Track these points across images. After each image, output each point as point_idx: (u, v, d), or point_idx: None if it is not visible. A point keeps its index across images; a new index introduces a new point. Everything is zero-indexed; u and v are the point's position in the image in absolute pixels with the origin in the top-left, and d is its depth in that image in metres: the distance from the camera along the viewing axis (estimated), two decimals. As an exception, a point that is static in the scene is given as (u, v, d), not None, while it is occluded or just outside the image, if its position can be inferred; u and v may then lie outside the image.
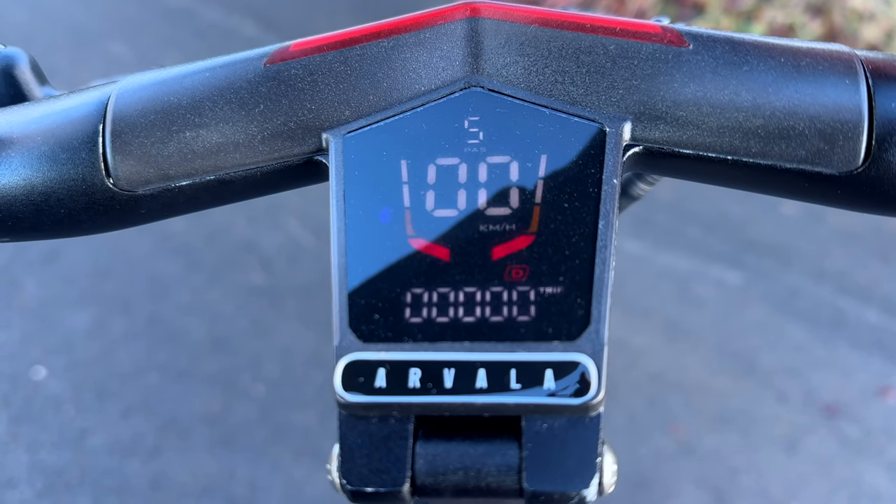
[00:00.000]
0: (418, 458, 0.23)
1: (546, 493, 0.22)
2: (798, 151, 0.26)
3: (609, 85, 0.26)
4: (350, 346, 0.24)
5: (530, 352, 0.23)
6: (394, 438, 0.23)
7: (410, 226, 0.25)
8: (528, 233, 0.25)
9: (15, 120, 0.29)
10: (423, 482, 0.23)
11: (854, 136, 0.25)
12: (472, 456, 0.23)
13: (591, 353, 0.24)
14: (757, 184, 0.28)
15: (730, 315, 1.95)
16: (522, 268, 0.24)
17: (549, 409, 0.23)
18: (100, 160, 0.28)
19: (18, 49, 0.34)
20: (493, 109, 0.26)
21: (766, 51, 0.26)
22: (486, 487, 0.23)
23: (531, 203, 0.25)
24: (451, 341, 0.24)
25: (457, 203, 0.25)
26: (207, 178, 0.28)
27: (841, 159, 0.26)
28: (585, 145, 0.25)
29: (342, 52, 0.27)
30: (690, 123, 0.26)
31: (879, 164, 0.25)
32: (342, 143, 0.27)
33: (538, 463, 0.23)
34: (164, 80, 0.28)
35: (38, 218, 0.29)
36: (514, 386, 0.23)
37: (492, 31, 0.27)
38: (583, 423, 0.23)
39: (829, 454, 1.68)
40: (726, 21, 2.79)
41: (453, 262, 0.25)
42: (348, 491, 0.23)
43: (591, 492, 0.22)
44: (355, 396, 0.23)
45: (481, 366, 0.23)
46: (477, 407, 0.23)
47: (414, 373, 0.23)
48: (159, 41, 2.83)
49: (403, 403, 0.23)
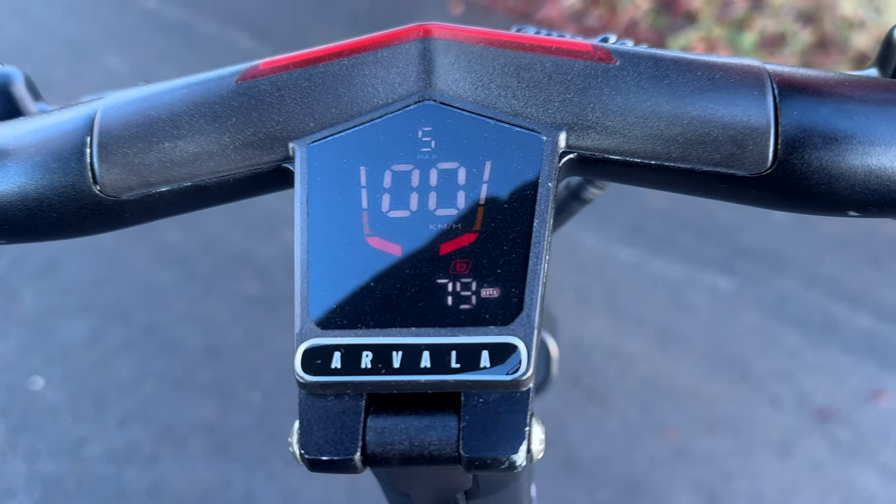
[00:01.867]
0: (369, 431, 0.26)
1: (480, 458, 0.25)
2: (713, 156, 0.28)
3: (546, 98, 0.28)
4: (309, 333, 0.27)
5: (469, 335, 0.26)
6: (347, 413, 0.26)
7: (367, 226, 0.28)
8: (472, 231, 0.27)
9: (11, 133, 0.31)
10: (372, 452, 0.26)
11: (762, 141, 0.28)
12: (416, 428, 0.26)
13: (523, 336, 0.26)
14: (679, 185, 0.30)
15: (722, 321, 1.96)
16: (466, 262, 0.27)
17: (484, 385, 0.25)
18: (87, 169, 0.30)
19: (14, 67, 0.36)
20: (443, 120, 0.29)
21: (685, 65, 0.28)
22: (429, 455, 0.26)
23: (476, 204, 0.27)
24: (400, 327, 0.26)
25: (409, 205, 0.28)
26: (185, 185, 0.31)
27: (751, 162, 0.28)
28: (525, 153, 0.28)
29: (307, 69, 0.30)
30: (618, 132, 0.28)
31: (786, 166, 0.28)
32: (307, 151, 0.29)
33: (474, 433, 0.25)
34: (146, 95, 0.31)
35: (32, 222, 0.31)
36: (455, 365, 0.25)
37: (442, 50, 0.29)
38: (514, 398, 0.25)
39: (821, 458, 1.69)
40: (718, 30, 2.81)
41: (404, 257, 0.27)
42: (306, 460, 0.26)
43: (520, 457, 0.25)
44: (313, 377, 0.26)
45: (425, 348, 0.26)
46: (421, 384, 0.26)
47: (366, 355, 0.26)
48: (155, 55, 2.85)
49: (356, 382, 0.26)
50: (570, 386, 1.80)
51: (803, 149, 0.28)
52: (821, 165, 0.28)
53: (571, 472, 1.65)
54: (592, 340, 1.90)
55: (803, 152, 0.28)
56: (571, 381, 1.81)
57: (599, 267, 2.09)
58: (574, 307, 1.98)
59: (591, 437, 1.71)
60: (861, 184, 0.28)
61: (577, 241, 2.15)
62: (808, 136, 0.28)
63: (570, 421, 1.74)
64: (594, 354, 1.87)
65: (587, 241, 2.16)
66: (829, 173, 0.28)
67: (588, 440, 1.71)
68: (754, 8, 2.87)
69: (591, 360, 1.86)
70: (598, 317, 1.96)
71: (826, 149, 0.28)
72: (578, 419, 1.74)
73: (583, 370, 1.84)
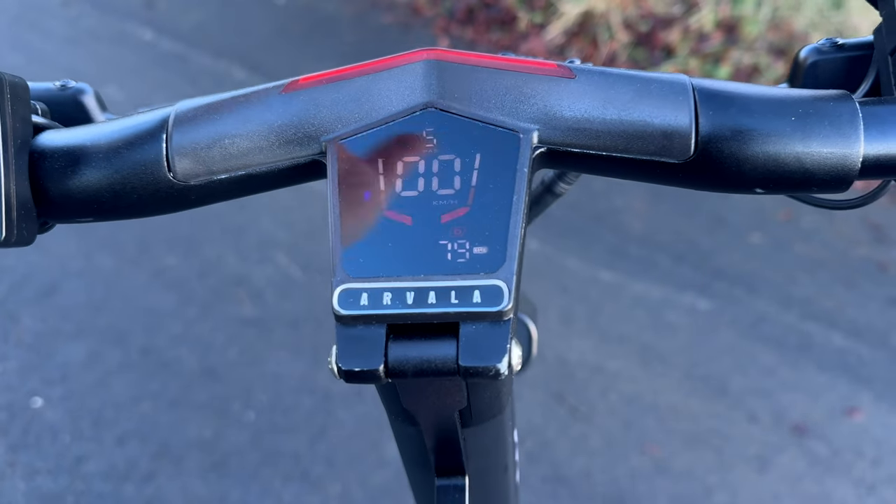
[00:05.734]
0: (390, 351, 0.34)
1: (474, 367, 0.33)
2: (649, 147, 0.37)
3: (522, 105, 0.37)
4: (343, 280, 0.34)
5: (465, 280, 0.34)
6: (373, 338, 0.34)
7: (385, 203, 0.36)
8: (466, 205, 0.35)
9: (99, 131, 0.40)
10: (392, 366, 0.34)
11: (685, 135, 0.36)
12: (425, 348, 0.34)
13: (505, 279, 0.33)
14: (625, 172, 0.39)
15: (701, 340, 2.03)
16: (462, 228, 0.35)
17: (477, 315, 0.33)
18: (163, 159, 0.38)
19: (86, 84, 0.44)
20: (443, 122, 0.37)
21: (628, 79, 0.38)
22: (436, 368, 0.33)
23: (469, 186, 0.36)
24: (413, 275, 0.34)
25: (417, 187, 0.36)
26: (240, 174, 0.39)
27: (678, 151, 0.37)
28: (506, 147, 0.36)
29: (337, 83, 0.38)
30: (577, 130, 0.37)
31: (704, 154, 0.37)
32: (336, 147, 0.37)
33: (469, 350, 0.33)
34: (210, 103, 0.39)
35: (116, 202, 0.39)
36: (454, 301, 0.33)
37: (442, 68, 0.38)
38: (499, 324, 0.33)
39: (799, 472, 1.75)
40: (694, 62, 2.92)
41: (414, 225, 0.35)
42: (343, 372, 0.33)
43: (503, 366, 0.33)
44: (347, 311, 0.34)
45: (432, 289, 0.34)
46: (429, 315, 0.33)
47: (386, 294, 0.34)
48: (152, 85, 2.92)
49: (379, 315, 0.34)
50: (555, 403, 1.85)
51: (716, 140, 0.36)
52: (731, 153, 0.36)
53: (557, 487, 1.70)
54: (576, 359, 1.96)
55: (717, 143, 0.36)
56: (556, 399, 1.87)
57: (582, 289, 2.16)
58: (558, 326, 2.04)
59: (575, 453, 1.76)
60: (762, 166, 0.36)
61: (560, 263, 2.22)
62: (719, 130, 0.36)
63: (555, 437, 1.79)
64: (578, 373, 1.93)
65: (570, 263, 2.22)
66: (738, 158, 0.36)
67: (572, 456, 1.76)
68: (729, 41, 2.98)
69: (575, 378, 1.92)
70: (582, 337, 2.02)
71: (734, 140, 0.36)
72: (563, 436, 1.80)
73: (567, 388, 1.89)
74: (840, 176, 0.37)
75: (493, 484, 0.53)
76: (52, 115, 0.46)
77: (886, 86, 0.41)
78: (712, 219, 2.38)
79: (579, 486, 1.70)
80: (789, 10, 3.01)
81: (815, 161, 0.36)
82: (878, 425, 1.85)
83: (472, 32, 3.24)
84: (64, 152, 0.39)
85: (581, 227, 2.34)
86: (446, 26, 3.28)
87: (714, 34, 3.00)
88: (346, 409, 1.83)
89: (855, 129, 0.36)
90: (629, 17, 3.10)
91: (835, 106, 0.37)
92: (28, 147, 0.39)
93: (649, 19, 3.11)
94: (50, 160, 0.39)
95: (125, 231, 2.29)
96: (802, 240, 2.33)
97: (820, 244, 2.32)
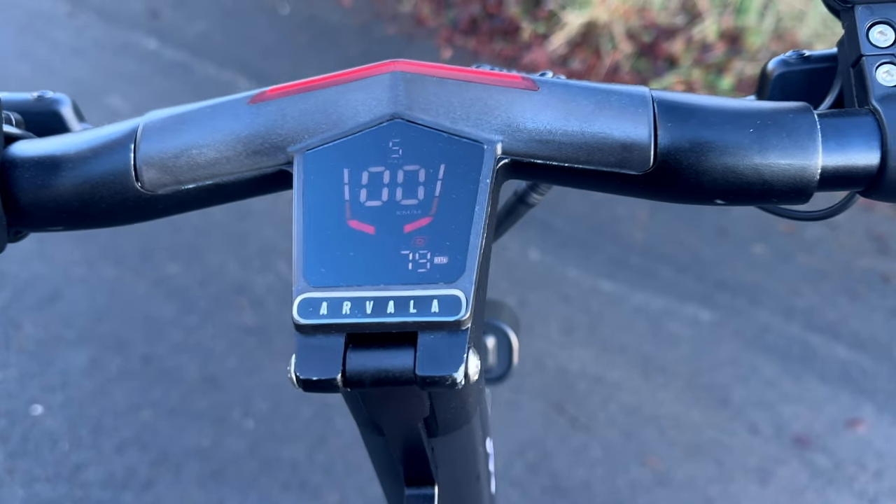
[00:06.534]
0: (348, 360, 0.33)
1: (430, 376, 0.32)
2: (610, 158, 0.37)
3: (486, 117, 0.37)
4: (304, 289, 0.34)
5: (425, 290, 0.34)
6: (331, 347, 0.33)
7: (349, 212, 0.36)
8: (429, 215, 0.35)
9: (69, 141, 0.40)
10: (350, 375, 0.33)
11: (645, 147, 0.37)
12: (383, 357, 0.33)
13: (464, 289, 0.33)
14: (587, 183, 0.39)
15: (703, 351, 2.02)
16: (424, 237, 0.35)
17: (435, 325, 0.33)
18: (131, 169, 0.38)
19: (64, 94, 0.45)
20: (408, 133, 0.37)
21: (590, 92, 0.38)
22: (393, 377, 0.33)
23: (433, 196, 0.36)
24: (372, 284, 0.34)
25: (381, 196, 0.36)
26: (207, 183, 0.39)
27: (638, 163, 0.37)
28: (470, 158, 0.36)
29: (305, 94, 0.39)
30: (540, 142, 0.37)
31: (664, 166, 0.37)
32: (303, 157, 0.37)
33: (426, 359, 0.33)
34: (178, 113, 0.39)
35: (85, 211, 0.39)
36: (413, 311, 0.33)
37: (408, 80, 0.38)
38: (457, 334, 0.33)
39: (800, 484, 1.74)
40: (697, 73, 2.92)
41: (377, 234, 0.35)
42: (301, 381, 0.33)
43: (459, 375, 0.32)
44: (306, 320, 0.34)
45: (391, 299, 0.33)
46: (387, 325, 0.33)
47: (346, 304, 0.34)
48: (155, 95, 2.94)
49: (338, 324, 0.33)
50: (555, 413, 1.85)
51: (675, 152, 0.37)
52: (689, 164, 0.37)
53: (557, 498, 1.69)
54: (577, 370, 1.96)
55: (675, 155, 0.37)
56: (556, 409, 1.86)
57: (583, 298, 2.15)
58: (559, 336, 2.04)
59: (575, 464, 1.76)
60: (721, 178, 0.37)
61: (561, 273, 2.22)
62: (678, 142, 0.37)
63: (555, 448, 1.79)
64: (578, 383, 1.93)
65: (571, 273, 2.22)
66: (696, 170, 0.37)
67: (572, 467, 1.75)
68: (732, 52, 2.99)
69: (575, 388, 1.91)
70: (582, 347, 2.02)
71: (692, 152, 0.36)
72: (563, 446, 1.79)
73: (567, 398, 1.89)
74: (799, 188, 0.37)
75: (464, 494, 0.53)
76: (28, 125, 0.46)
77: (848, 98, 0.41)
78: (715, 229, 2.38)
79: (579, 497, 1.69)
80: (792, 21, 3.01)
81: (774, 173, 0.37)
82: (881, 437, 1.83)
83: (476, 43, 3.25)
84: (34, 162, 0.39)
85: (582, 236, 2.33)
86: (450, 37, 3.30)
87: (717, 45, 3.01)
88: (344, 418, 1.83)
89: (813, 141, 0.37)
90: (632, 27, 3.11)
91: (794, 118, 0.37)
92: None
93: (652, 30, 3.11)
94: (20, 170, 0.39)
95: (127, 239, 2.29)
96: (805, 251, 2.33)
97: (823, 255, 2.31)
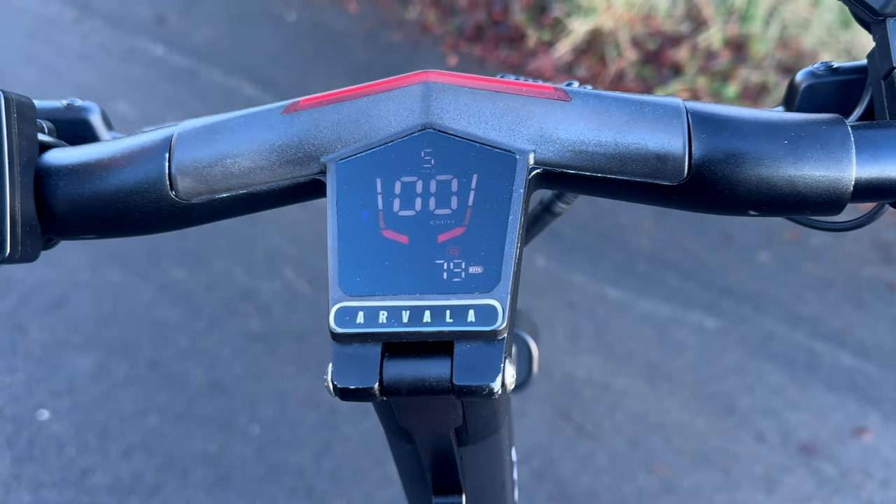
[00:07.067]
0: (385, 369, 0.33)
1: (468, 386, 0.32)
2: (643, 169, 0.37)
3: (519, 127, 0.37)
4: (340, 298, 0.34)
5: (461, 299, 0.34)
6: (368, 356, 0.34)
7: (383, 221, 0.36)
8: (462, 225, 0.35)
9: (104, 150, 0.40)
10: (387, 384, 0.33)
11: (679, 158, 0.37)
12: (420, 366, 0.34)
13: (500, 299, 0.33)
14: (620, 193, 0.39)
15: (709, 358, 2.02)
16: (458, 247, 0.35)
17: (471, 334, 0.33)
18: (166, 178, 0.39)
19: (92, 102, 0.45)
20: (440, 143, 0.37)
21: (623, 102, 0.38)
22: (429, 387, 0.33)
23: (465, 206, 0.36)
24: (408, 293, 0.34)
25: (415, 206, 0.36)
26: (241, 192, 0.39)
27: (672, 174, 0.37)
28: (503, 168, 0.36)
29: (337, 104, 0.39)
30: (573, 152, 0.37)
31: (698, 176, 0.37)
32: (336, 167, 0.37)
33: (463, 368, 0.33)
34: (212, 123, 0.40)
35: (119, 219, 0.40)
36: (449, 320, 0.33)
37: (439, 91, 0.38)
38: (493, 343, 0.33)
39: (807, 493, 1.73)
40: (702, 80, 2.93)
41: (411, 244, 0.35)
42: (338, 390, 0.33)
43: (496, 385, 0.32)
44: (343, 329, 0.34)
45: (427, 308, 0.34)
46: (424, 334, 0.33)
47: (382, 313, 0.34)
48: (162, 101, 2.95)
49: (375, 333, 0.34)
50: (561, 421, 1.85)
51: (710, 163, 0.37)
52: (724, 175, 0.37)
53: (562, 505, 1.69)
54: (583, 377, 1.96)
55: (710, 166, 0.37)
56: (562, 417, 1.86)
57: (589, 305, 2.15)
58: (565, 343, 2.04)
59: (581, 472, 1.75)
60: (755, 189, 0.37)
61: (567, 279, 2.22)
62: (712, 153, 0.37)
63: (561, 455, 1.78)
64: (584, 390, 1.92)
65: (577, 280, 2.22)
66: (731, 181, 0.37)
67: (578, 474, 1.75)
68: (737, 60, 2.99)
69: (581, 396, 1.91)
70: (588, 354, 2.02)
71: (727, 163, 0.37)
72: (569, 454, 1.79)
73: (573, 406, 1.89)
74: (833, 199, 0.37)
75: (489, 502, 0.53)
76: (58, 133, 0.46)
77: (880, 110, 0.41)
78: (720, 237, 2.38)
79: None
80: (798, 29, 3.02)
81: (808, 184, 0.37)
82: (887, 446, 1.83)
83: (481, 50, 3.26)
84: (69, 170, 0.40)
85: (588, 243, 2.34)
86: (455, 44, 3.31)
87: (722, 52, 3.01)
88: (351, 424, 1.83)
89: (847, 153, 0.37)
90: (637, 35, 3.12)
91: (827, 130, 0.37)
92: (34, 165, 0.40)
93: (657, 37, 3.12)
94: (55, 178, 0.40)
95: (133, 244, 2.30)
96: (811, 259, 2.33)
97: (828, 263, 2.31)
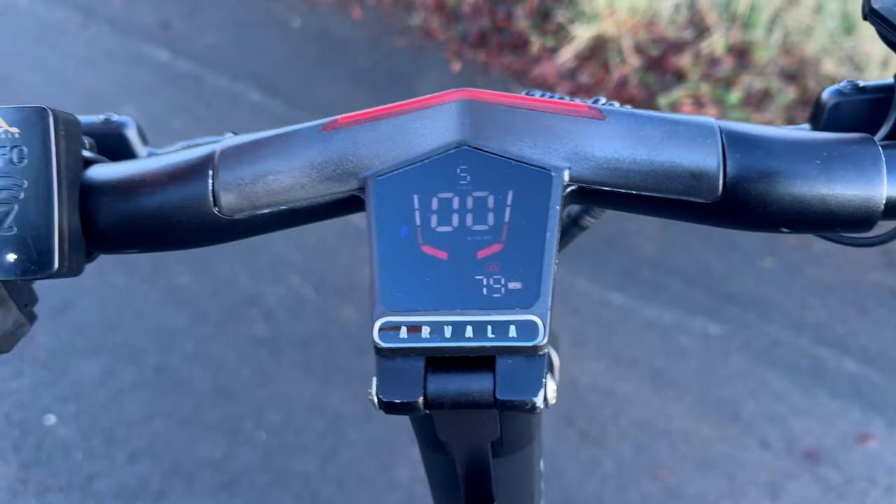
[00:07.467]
0: (428, 383, 0.34)
1: (510, 400, 0.33)
2: (678, 187, 0.38)
3: (554, 145, 0.38)
4: (383, 313, 0.35)
5: (501, 315, 0.34)
6: (412, 370, 0.34)
7: (421, 237, 0.36)
8: (500, 241, 0.36)
9: (147, 166, 0.41)
10: (431, 399, 0.34)
11: (713, 176, 0.38)
12: (463, 381, 0.34)
13: (540, 314, 0.34)
14: (654, 210, 0.40)
15: (713, 365, 2.02)
16: (497, 263, 0.35)
17: (513, 350, 0.34)
18: (209, 194, 0.39)
19: (128, 118, 0.45)
20: (476, 161, 0.38)
21: (657, 121, 0.39)
22: (473, 401, 0.34)
23: (502, 222, 0.36)
24: (450, 309, 0.35)
25: (452, 222, 0.37)
26: (282, 208, 0.40)
27: (706, 192, 0.38)
28: (538, 185, 0.37)
29: (375, 122, 0.39)
30: (608, 170, 0.38)
31: (732, 194, 0.38)
32: (375, 183, 0.38)
33: (506, 383, 0.34)
34: (253, 140, 0.40)
35: (162, 234, 0.40)
36: (491, 336, 0.34)
37: (476, 109, 0.38)
38: (534, 359, 0.34)
39: (811, 499, 1.73)
40: (705, 87, 2.94)
41: (450, 260, 0.36)
42: (383, 403, 0.34)
43: (539, 399, 0.33)
44: (387, 344, 0.34)
45: (469, 323, 0.34)
46: (466, 349, 0.34)
47: (425, 328, 0.34)
48: (168, 106, 2.96)
49: (418, 348, 0.34)
50: (565, 427, 1.85)
51: (744, 181, 0.37)
52: (758, 193, 0.37)
53: (567, 511, 1.69)
54: (587, 382, 1.96)
55: (744, 184, 0.37)
56: (567, 423, 1.86)
57: (594, 311, 2.16)
58: (569, 349, 2.04)
59: (586, 478, 1.76)
60: (788, 207, 0.38)
61: (571, 285, 2.22)
62: (747, 172, 0.37)
63: (566, 461, 1.79)
64: (589, 396, 1.93)
65: (581, 285, 2.23)
66: (764, 199, 0.37)
67: (583, 480, 1.75)
68: (740, 66, 3.00)
69: (586, 401, 1.91)
70: (593, 359, 2.02)
71: (761, 181, 0.37)
72: (573, 460, 1.79)
73: (577, 412, 1.89)
74: (864, 217, 0.38)
75: None
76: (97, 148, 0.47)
77: None
78: (724, 243, 2.39)
79: (590, 510, 1.69)
80: (800, 36, 3.03)
81: (840, 203, 0.38)
82: (892, 452, 1.83)
83: (485, 56, 3.27)
84: (113, 186, 0.40)
85: (593, 249, 2.34)
86: (459, 50, 3.32)
87: (725, 59, 3.02)
88: (357, 430, 1.83)
89: (878, 172, 0.38)
90: (640, 41, 3.13)
91: (858, 149, 0.38)
92: (79, 181, 0.40)
93: (660, 44, 3.13)
94: (99, 193, 0.40)
95: (139, 250, 2.30)
96: (815, 265, 2.33)
97: (832, 269, 2.32)
